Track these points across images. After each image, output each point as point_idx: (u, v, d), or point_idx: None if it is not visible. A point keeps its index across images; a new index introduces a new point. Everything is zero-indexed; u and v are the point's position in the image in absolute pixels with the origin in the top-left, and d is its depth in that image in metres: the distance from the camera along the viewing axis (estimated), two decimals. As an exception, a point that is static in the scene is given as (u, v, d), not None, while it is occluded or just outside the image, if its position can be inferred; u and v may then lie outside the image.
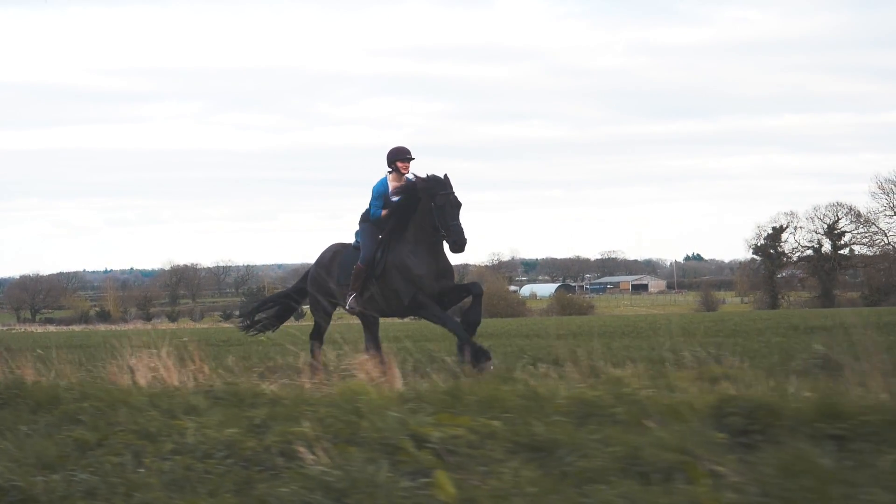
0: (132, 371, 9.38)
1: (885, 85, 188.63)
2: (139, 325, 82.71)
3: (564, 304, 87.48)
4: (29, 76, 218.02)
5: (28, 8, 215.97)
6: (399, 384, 8.70)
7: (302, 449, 6.22)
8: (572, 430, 6.17)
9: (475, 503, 5.35)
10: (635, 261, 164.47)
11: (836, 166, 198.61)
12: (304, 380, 9.03)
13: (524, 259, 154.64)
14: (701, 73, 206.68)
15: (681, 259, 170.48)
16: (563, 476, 5.49)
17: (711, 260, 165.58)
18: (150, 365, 10.15)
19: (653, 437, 5.71)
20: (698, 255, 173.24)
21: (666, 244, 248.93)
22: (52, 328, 78.26)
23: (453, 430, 6.27)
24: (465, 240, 11.62)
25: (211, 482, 6.08)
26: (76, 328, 68.27)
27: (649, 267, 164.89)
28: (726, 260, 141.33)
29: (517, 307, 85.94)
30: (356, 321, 13.18)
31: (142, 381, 9.16)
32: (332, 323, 13.48)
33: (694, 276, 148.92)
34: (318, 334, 12.97)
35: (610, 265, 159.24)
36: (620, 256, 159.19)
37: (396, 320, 17.99)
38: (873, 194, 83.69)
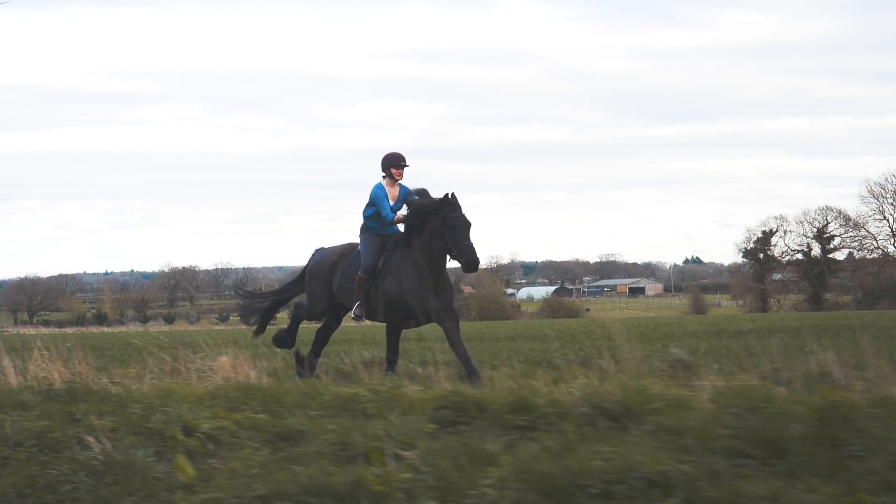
0: (4, 372, 10.35)
1: (886, 88, 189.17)
2: (133, 327, 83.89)
3: (555, 307, 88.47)
4: (29, 78, 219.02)
5: (28, 9, 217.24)
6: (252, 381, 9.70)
7: (90, 438, 7.20)
8: (321, 421, 7.15)
9: (210, 482, 6.34)
10: (634, 263, 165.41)
11: (836, 169, 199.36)
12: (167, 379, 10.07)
13: (523, 262, 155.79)
14: (701, 76, 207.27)
15: (680, 262, 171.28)
16: (283, 459, 6.47)
17: (710, 263, 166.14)
18: (41, 366, 11.21)
19: (368, 426, 6.69)
20: (697, 258, 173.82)
21: (666, 247, 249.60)
22: (45, 330, 79.40)
23: (221, 422, 7.28)
24: (478, 259, 11.91)
25: (11, 466, 7.08)
26: (69, 330, 69.38)
27: (648, 270, 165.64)
28: (725, 263, 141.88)
29: (510, 310, 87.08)
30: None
31: (12, 381, 10.14)
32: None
33: (693, 278, 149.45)
34: (290, 333, 13.10)
35: (609, 268, 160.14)
36: (620, 259, 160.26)
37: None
38: (863, 198, 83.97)
